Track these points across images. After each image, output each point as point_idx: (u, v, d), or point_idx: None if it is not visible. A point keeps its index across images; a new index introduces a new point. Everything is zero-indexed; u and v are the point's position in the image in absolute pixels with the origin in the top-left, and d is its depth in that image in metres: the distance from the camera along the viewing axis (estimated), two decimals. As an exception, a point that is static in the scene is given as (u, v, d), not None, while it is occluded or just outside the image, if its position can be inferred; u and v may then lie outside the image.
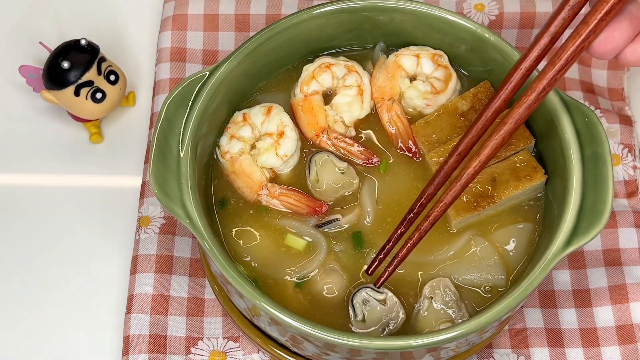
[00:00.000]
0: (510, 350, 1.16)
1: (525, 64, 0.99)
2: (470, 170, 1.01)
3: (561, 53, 0.94)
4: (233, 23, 1.36)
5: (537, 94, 0.97)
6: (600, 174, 1.02)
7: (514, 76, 1.00)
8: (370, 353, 0.98)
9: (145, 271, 1.18)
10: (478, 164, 1.01)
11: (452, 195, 1.01)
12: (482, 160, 1.00)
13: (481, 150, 1.00)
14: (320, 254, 1.08)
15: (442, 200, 1.01)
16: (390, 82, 1.16)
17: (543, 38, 0.98)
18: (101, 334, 1.18)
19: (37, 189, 1.28)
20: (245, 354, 1.15)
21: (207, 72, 1.08)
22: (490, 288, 1.07)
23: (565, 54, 0.94)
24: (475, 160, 1.01)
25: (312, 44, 1.17)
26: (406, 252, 1.02)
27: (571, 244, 0.99)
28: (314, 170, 1.12)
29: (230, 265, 0.99)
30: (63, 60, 1.22)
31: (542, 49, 0.98)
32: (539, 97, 0.97)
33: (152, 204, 1.24)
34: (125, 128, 1.32)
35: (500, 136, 0.99)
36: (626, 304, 1.17)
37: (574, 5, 0.96)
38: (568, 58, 0.94)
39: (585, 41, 0.93)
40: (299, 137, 1.14)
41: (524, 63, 0.99)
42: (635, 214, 1.23)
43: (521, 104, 0.98)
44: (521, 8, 1.35)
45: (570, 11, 0.96)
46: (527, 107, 0.97)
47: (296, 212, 1.10)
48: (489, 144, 1.00)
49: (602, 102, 1.32)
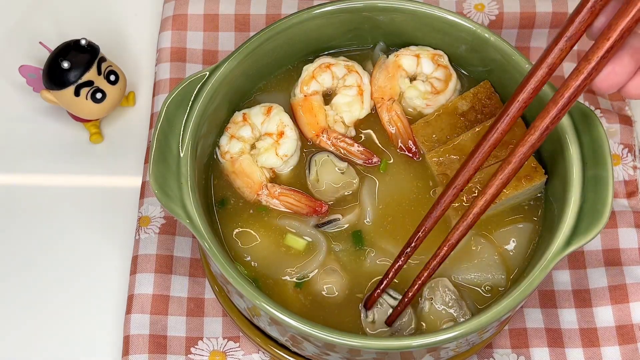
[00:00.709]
0: (510, 350, 1.16)
1: (522, 95, 0.97)
2: (476, 209, 0.99)
3: (564, 91, 0.92)
4: (233, 23, 1.36)
5: (541, 132, 0.95)
6: (600, 174, 1.02)
7: (509, 110, 0.98)
8: (370, 353, 0.98)
9: (145, 271, 1.18)
10: (484, 203, 0.99)
11: (458, 235, 1.00)
12: (487, 200, 0.99)
13: (486, 190, 0.99)
14: (320, 254, 1.08)
15: (448, 240, 1.01)
16: (390, 82, 1.16)
17: (540, 69, 0.95)
18: (101, 334, 1.18)
19: (37, 189, 1.28)
20: (245, 354, 1.15)
21: (207, 72, 1.08)
22: (491, 287, 1.07)
23: (567, 91, 0.92)
24: (481, 199, 0.99)
25: (312, 44, 1.17)
26: (416, 291, 1.03)
27: (571, 244, 0.99)
28: (314, 170, 1.12)
29: (230, 265, 0.99)
30: (63, 60, 1.22)
31: (537, 81, 0.96)
32: (542, 136, 0.95)
33: (152, 204, 1.24)
34: (125, 128, 1.32)
35: (506, 175, 0.98)
36: (626, 304, 1.17)
37: (571, 36, 0.93)
38: (570, 96, 0.92)
39: (587, 79, 0.90)
40: (299, 137, 1.14)
41: (521, 95, 0.98)
42: (635, 214, 1.23)
43: (525, 142, 0.96)
44: (521, 8, 1.35)
45: (567, 42, 0.93)
46: (530, 146, 0.96)
47: (296, 212, 1.10)
48: (494, 182, 0.98)
49: (602, 102, 1.32)
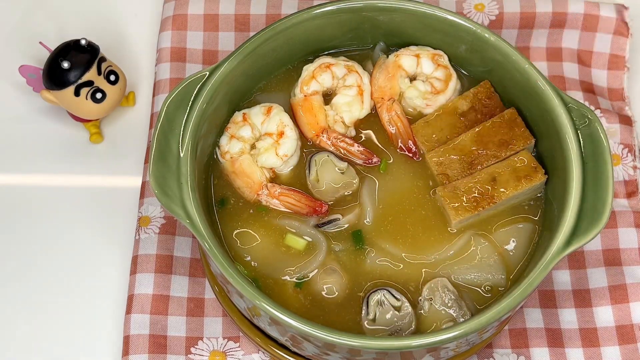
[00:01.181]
0: (510, 350, 1.16)
1: None
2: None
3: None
4: (233, 23, 1.36)
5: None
6: (600, 174, 1.02)
7: None
8: (370, 353, 0.98)
9: (145, 271, 1.18)
10: None
11: None
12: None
13: None
14: (320, 254, 1.08)
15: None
16: (390, 82, 1.16)
17: None
18: (101, 334, 1.18)
19: (37, 189, 1.28)
20: (245, 354, 1.15)
21: (207, 72, 1.08)
22: (491, 287, 1.07)
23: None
24: None
25: (312, 44, 1.17)
26: None
27: (571, 244, 0.99)
28: (314, 170, 1.12)
29: (230, 265, 0.99)
30: (63, 60, 1.21)
31: None
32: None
33: (152, 204, 1.24)
34: (125, 128, 1.32)
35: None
36: (626, 304, 1.17)
37: None
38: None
39: None
40: (299, 137, 1.14)
41: None
42: (635, 214, 1.23)
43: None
44: (521, 8, 1.35)
45: None
46: None
47: (296, 212, 1.10)
48: None
49: (602, 102, 1.32)
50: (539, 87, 1.07)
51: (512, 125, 1.11)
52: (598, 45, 1.34)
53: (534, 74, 1.08)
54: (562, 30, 1.34)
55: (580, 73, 1.34)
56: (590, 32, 1.34)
